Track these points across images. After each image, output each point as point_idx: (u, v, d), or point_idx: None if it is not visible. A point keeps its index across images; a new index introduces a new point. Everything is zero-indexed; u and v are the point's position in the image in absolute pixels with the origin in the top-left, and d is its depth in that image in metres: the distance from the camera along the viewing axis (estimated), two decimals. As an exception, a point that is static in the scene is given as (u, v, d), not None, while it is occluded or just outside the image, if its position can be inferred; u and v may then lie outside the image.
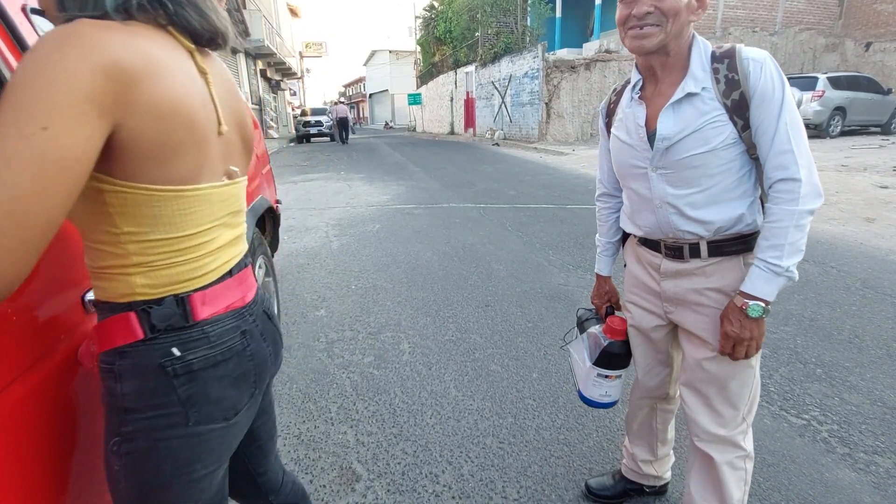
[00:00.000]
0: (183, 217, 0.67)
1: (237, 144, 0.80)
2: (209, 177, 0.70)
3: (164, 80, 0.61)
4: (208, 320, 0.73)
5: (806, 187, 0.98)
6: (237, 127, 0.79)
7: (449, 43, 23.71)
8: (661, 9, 0.99)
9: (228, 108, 0.75)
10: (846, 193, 5.85)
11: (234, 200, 0.78)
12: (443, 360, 2.45)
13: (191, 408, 0.71)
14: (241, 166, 0.82)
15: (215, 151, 0.72)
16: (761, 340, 1.08)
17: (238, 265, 0.81)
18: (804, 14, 16.36)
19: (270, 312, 0.90)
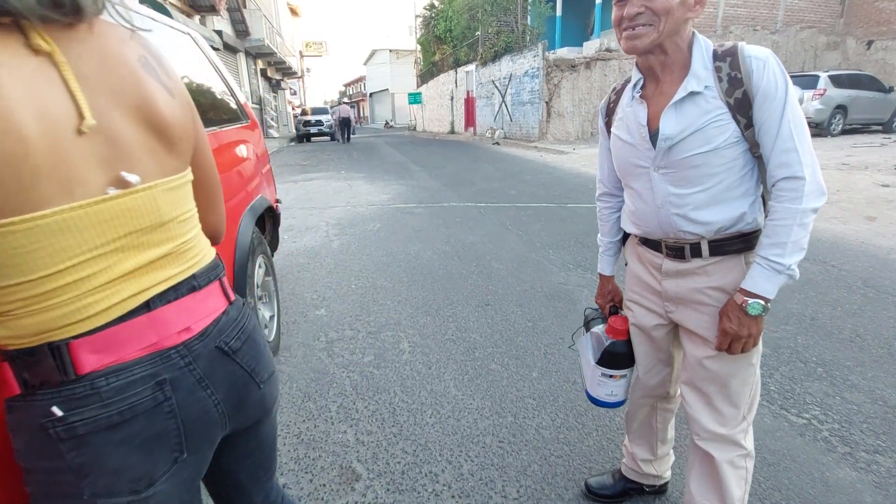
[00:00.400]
0: (24, 257, 0.52)
1: (138, 139, 0.60)
2: (65, 195, 0.53)
3: None
4: (100, 372, 0.58)
5: (809, 185, 0.98)
6: (139, 115, 0.60)
7: (449, 42, 23.69)
8: (651, 8, 0.99)
9: (115, 93, 0.58)
10: (847, 192, 5.84)
11: (138, 215, 0.60)
12: (443, 360, 2.44)
13: (83, 478, 0.58)
14: (156, 166, 0.63)
15: (78, 157, 0.54)
16: (759, 338, 1.08)
17: (166, 294, 0.64)
18: (805, 12, 16.32)
19: (235, 344, 0.72)
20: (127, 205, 0.59)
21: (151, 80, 0.63)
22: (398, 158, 12.51)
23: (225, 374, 0.71)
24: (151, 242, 0.63)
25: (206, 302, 0.71)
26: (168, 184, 0.65)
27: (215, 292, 0.73)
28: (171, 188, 0.65)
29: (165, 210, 0.64)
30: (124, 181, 0.59)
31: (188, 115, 0.70)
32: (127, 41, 0.63)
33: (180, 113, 0.67)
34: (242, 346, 0.74)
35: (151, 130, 0.62)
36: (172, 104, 0.65)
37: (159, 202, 0.63)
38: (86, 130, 0.54)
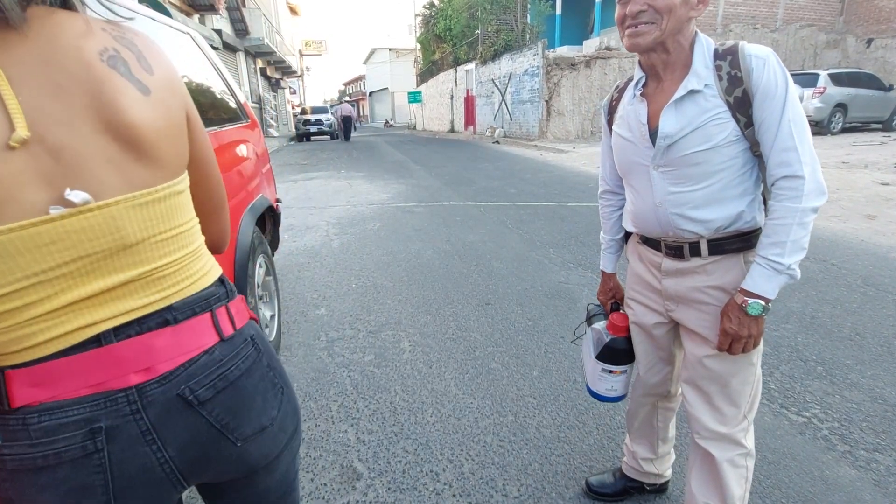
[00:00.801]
0: None
1: (94, 148, 0.52)
2: None
3: None
4: (34, 407, 0.53)
5: (809, 184, 0.98)
6: (92, 119, 0.52)
7: (449, 41, 23.66)
8: (654, 6, 0.99)
9: (62, 95, 0.50)
10: (847, 190, 5.84)
11: (92, 237, 0.52)
12: (443, 359, 2.45)
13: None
14: (121, 179, 0.54)
15: (9, 175, 0.47)
16: (760, 338, 1.08)
17: (126, 328, 0.56)
18: (805, 10, 16.31)
19: (204, 393, 0.60)
20: (74, 226, 0.51)
21: (115, 77, 0.53)
22: (398, 157, 12.50)
23: (184, 426, 0.60)
24: (111, 268, 0.55)
25: (182, 338, 0.60)
26: (138, 199, 0.55)
27: (200, 327, 0.62)
28: (141, 204, 0.55)
29: (132, 230, 0.55)
30: (65, 200, 0.50)
31: (172, 115, 0.59)
32: (91, 33, 0.54)
33: (157, 113, 0.56)
34: (216, 396, 0.62)
35: (113, 136, 0.53)
36: (144, 103, 0.55)
37: (122, 221, 0.54)
38: (15, 144, 0.47)
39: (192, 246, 0.64)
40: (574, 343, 2.43)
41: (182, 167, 0.62)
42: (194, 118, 0.65)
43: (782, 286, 1.03)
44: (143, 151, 0.55)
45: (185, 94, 0.63)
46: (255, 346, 0.68)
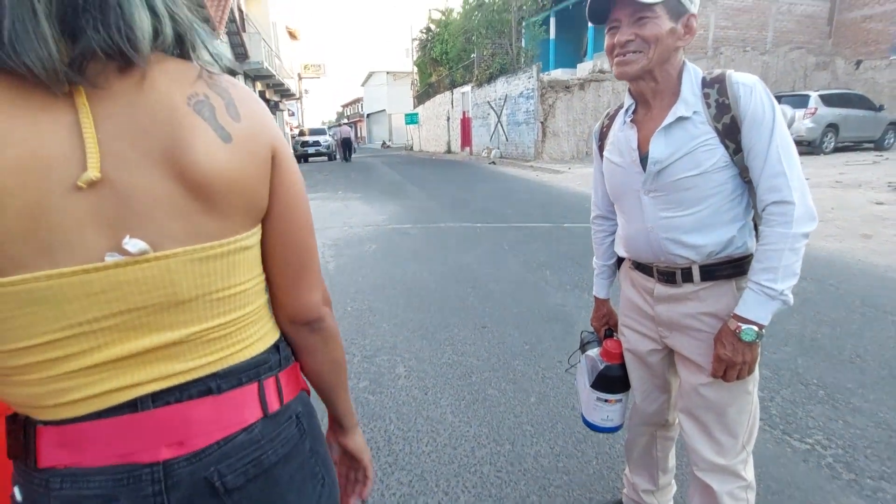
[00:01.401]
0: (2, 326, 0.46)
1: (163, 194, 0.49)
2: (44, 259, 0.45)
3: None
4: (59, 470, 0.50)
5: (800, 210, 0.98)
6: (165, 164, 0.48)
7: (445, 64, 24.10)
8: (641, 36, 1.01)
9: (141, 138, 0.48)
10: (842, 210, 5.87)
11: (144, 290, 0.49)
12: (439, 385, 2.41)
13: None
14: (185, 229, 0.50)
15: (69, 217, 0.45)
16: (754, 365, 1.07)
17: (165, 394, 0.52)
18: (794, 33, 16.70)
19: (229, 481, 0.54)
20: (127, 276, 0.48)
21: (197, 122, 0.50)
22: (395, 178, 12.58)
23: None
24: (159, 325, 0.51)
25: (222, 411, 0.55)
26: (198, 252, 0.51)
27: (244, 399, 0.57)
28: (201, 258, 0.51)
29: (186, 285, 0.51)
30: (122, 249, 0.47)
31: (252, 165, 0.54)
32: (187, 79, 0.52)
33: (235, 162, 0.52)
34: (246, 485, 0.55)
35: (183, 184, 0.49)
36: (222, 151, 0.51)
37: (177, 275, 0.50)
38: (82, 185, 0.45)
39: (251, 307, 0.58)
40: (569, 371, 2.39)
41: (255, 220, 0.57)
42: (284, 165, 0.59)
43: (775, 312, 1.01)
44: (213, 202, 0.51)
45: (275, 141, 0.58)
46: (299, 426, 0.62)
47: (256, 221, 0.58)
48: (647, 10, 0.99)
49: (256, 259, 0.59)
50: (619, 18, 1.03)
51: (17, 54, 0.41)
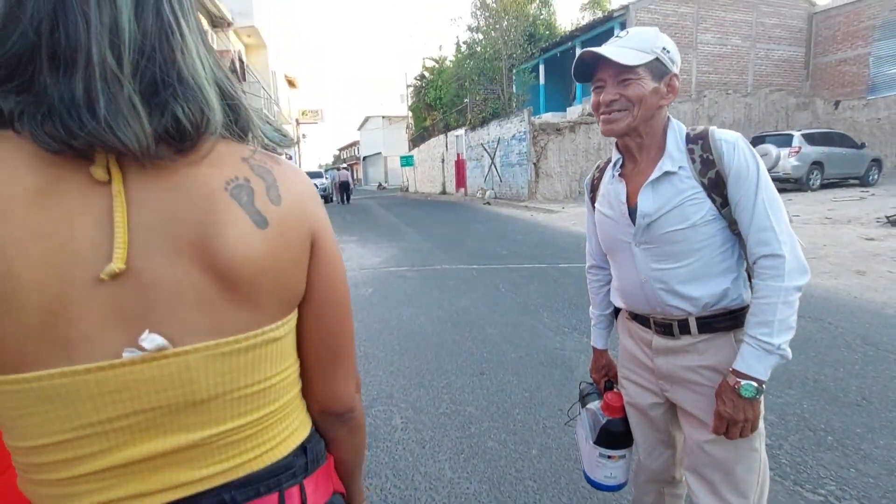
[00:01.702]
0: (15, 421, 0.44)
1: (187, 285, 0.46)
2: (61, 355, 0.43)
3: None
4: None
5: (790, 263, 0.98)
6: (191, 253, 0.46)
7: (439, 108, 24.87)
8: (626, 96, 1.04)
9: (170, 226, 0.46)
10: (834, 246, 5.93)
11: (160, 388, 0.46)
12: (437, 437, 2.33)
13: None
14: (208, 322, 0.47)
15: (90, 310, 0.43)
16: (757, 422, 1.04)
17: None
18: (773, 76, 17.43)
19: None
20: (144, 374, 0.45)
21: (232, 208, 0.47)
22: (391, 220, 12.68)
23: None
24: (174, 426, 0.47)
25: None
26: (220, 347, 0.48)
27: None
28: (224, 353, 0.48)
29: (205, 384, 0.47)
30: (140, 344, 0.45)
31: (288, 251, 0.51)
32: (226, 160, 0.50)
33: (268, 249, 0.49)
34: None
35: (210, 273, 0.46)
36: (254, 237, 0.48)
37: (196, 373, 0.47)
38: (104, 278, 0.43)
39: (280, 401, 0.54)
40: (568, 425, 2.33)
41: (289, 308, 0.54)
42: (325, 249, 0.56)
43: (774, 367, 1.00)
44: (242, 291, 0.48)
45: (317, 223, 0.55)
46: None
47: (290, 309, 0.54)
48: (629, 72, 1.03)
49: (289, 348, 0.55)
50: (604, 79, 1.07)
51: (113, 131, 0.41)
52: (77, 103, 0.41)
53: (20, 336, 0.42)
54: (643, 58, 1.03)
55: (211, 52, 0.51)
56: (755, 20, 16.83)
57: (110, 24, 0.42)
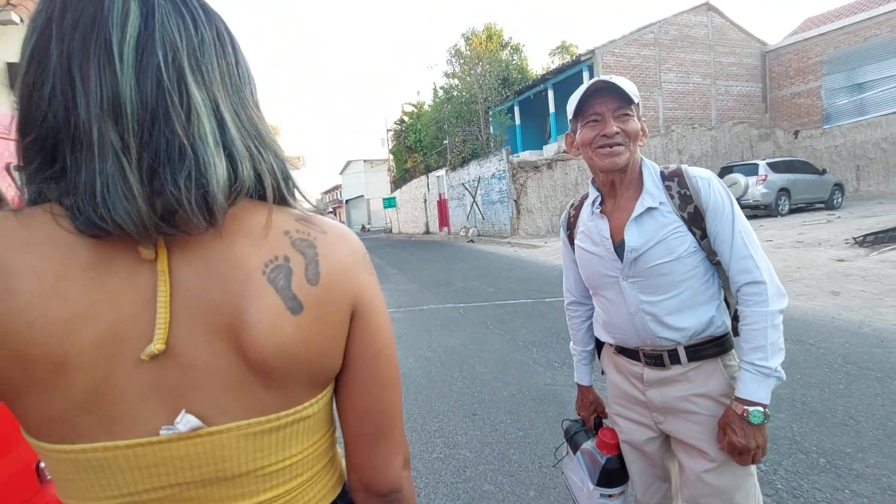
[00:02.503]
0: (65, 483, 0.47)
1: (222, 367, 0.47)
2: (103, 431, 0.45)
3: None
4: None
5: (771, 289, 1.04)
6: (227, 336, 0.47)
7: (419, 151, 25.42)
8: (625, 131, 1.11)
9: (209, 307, 0.47)
10: (808, 269, 6.11)
11: (193, 465, 0.47)
12: (431, 483, 2.27)
13: None
14: (240, 403, 0.48)
15: (132, 389, 0.45)
16: (766, 447, 1.06)
17: None
18: (734, 110, 18.38)
19: None
20: (179, 452, 0.47)
21: (268, 294, 0.47)
22: (375, 262, 12.67)
23: None
24: (205, 499, 0.49)
25: None
26: (252, 427, 0.49)
27: None
28: (255, 433, 0.49)
29: (237, 461, 0.49)
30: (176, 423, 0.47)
31: (321, 333, 0.50)
32: (268, 238, 0.50)
33: (302, 334, 0.49)
34: None
35: (243, 359, 0.47)
36: (287, 324, 0.48)
37: (228, 451, 0.48)
38: (145, 358, 0.45)
39: (313, 471, 0.54)
40: (556, 467, 2.30)
41: (322, 386, 0.53)
42: (368, 321, 0.55)
43: (772, 389, 1.03)
44: (272, 377, 0.49)
45: (360, 294, 0.54)
46: None
47: (325, 386, 0.54)
48: (628, 107, 1.10)
49: (322, 421, 0.55)
50: (601, 113, 1.11)
51: (109, 212, 0.41)
52: (88, 189, 0.41)
53: (68, 411, 0.44)
54: (636, 98, 1.11)
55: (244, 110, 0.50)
56: (713, 59, 17.90)
57: (112, 97, 0.41)
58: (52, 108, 0.42)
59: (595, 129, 1.13)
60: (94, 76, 0.41)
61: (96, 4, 0.42)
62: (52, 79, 0.42)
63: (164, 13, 0.44)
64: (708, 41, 17.81)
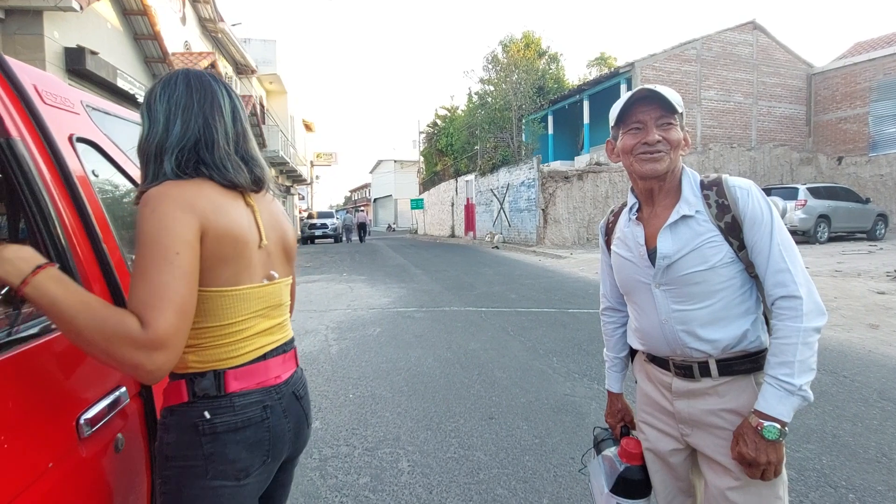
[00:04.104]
0: (224, 310, 0.90)
1: (278, 255, 1.04)
2: (248, 280, 0.93)
3: (221, 213, 0.89)
4: (237, 393, 0.91)
5: (808, 305, 1.01)
6: (279, 242, 1.04)
7: (450, 154, 25.52)
8: (667, 139, 1.10)
9: (272, 229, 1.01)
10: (845, 299, 5.88)
11: (272, 297, 0.99)
12: (444, 482, 2.27)
13: (210, 463, 0.88)
14: (282, 271, 1.05)
15: (256, 260, 0.95)
16: (781, 466, 1.02)
17: (275, 350, 1.00)
18: (776, 132, 17.85)
19: (300, 393, 1.05)
20: (269, 290, 0.98)
21: (286, 223, 1.12)
22: (399, 261, 12.76)
23: (294, 411, 1.02)
24: (273, 315, 1.00)
25: (288, 362, 1.04)
26: (285, 281, 1.06)
27: (292, 357, 1.07)
28: (286, 284, 1.07)
29: (283, 297, 1.04)
30: (271, 276, 0.99)
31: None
32: (272, 199, 1.10)
33: (294, 244, 1.12)
34: (304, 396, 1.08)
35: (283, 251, 1.07)
36: (293, 233, 1.12)
37: (282, 291, 1.03)
38: (261, 247, 0.97)
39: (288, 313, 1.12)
40: (582, 472, 2.27)
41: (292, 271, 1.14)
42: None
43: (796, 409, 1.00)
44: (290, 259, 1.11)
45: None
46: None
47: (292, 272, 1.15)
48: (671, 116, 1.10)
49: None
50: (643, 121, 1.12)
51: (234, 178, 0.95)
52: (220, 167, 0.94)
53: (238, 272, 0.91)
54: (679, 107, 1.11)
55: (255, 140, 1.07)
56: (756, 79, 17.44)
57: (224, 131, 0.97)
58: (199, 131, 0.95)
59: (637, 136, 1.13)
60: (218, 120, 0.97)
61: (212, 92, 0.98)
62: (199, 119, 0.95)
63: (232, 96, 1.02)
64: (752, 60, 17.38)
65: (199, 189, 0.88)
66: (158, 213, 0.81)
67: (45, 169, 1.04)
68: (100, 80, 8.10)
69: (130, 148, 1.49)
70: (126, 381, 1.08)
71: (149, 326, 0.75)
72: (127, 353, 0.74)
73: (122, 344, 0.73)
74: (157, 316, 0.75)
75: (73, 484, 0.87)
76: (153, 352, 0.75)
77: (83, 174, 1.16)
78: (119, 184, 1.41)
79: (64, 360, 0.93)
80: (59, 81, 1.27)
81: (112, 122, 1.46)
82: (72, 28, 7.89)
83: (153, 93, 0.95)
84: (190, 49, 14.56)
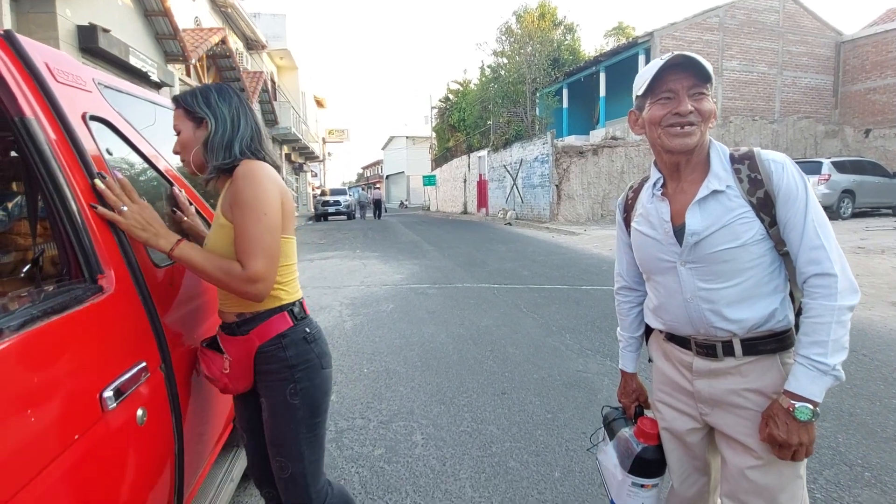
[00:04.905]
0: (291, 252, 1.30)
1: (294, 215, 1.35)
2: (293, 234, 1.31)
3: (284, 184, 1.26)
4: (307, 315, 1.34)
5: (842, 283, 0.97)
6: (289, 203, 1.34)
7: (463, 130, 25.19)
8: (699, 110, 1.05)
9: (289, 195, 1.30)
10: (868, 276, 5.75)
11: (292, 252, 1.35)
12: (458, 454, 2.32)
13: (322, 358, 1.31)
14: None
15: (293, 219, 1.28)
16: (812, 447, 1.01)
17: None
18: (801, 104, 17.22)
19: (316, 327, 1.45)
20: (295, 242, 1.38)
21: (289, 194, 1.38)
22: (412, 238, 12.79)
23: None
24: None
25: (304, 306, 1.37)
26: None
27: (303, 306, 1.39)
28: None
29: None
30: None
31: None
32: None
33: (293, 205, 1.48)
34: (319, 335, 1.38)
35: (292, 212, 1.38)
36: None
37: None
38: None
39: None
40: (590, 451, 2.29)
41: None
42: None
43: (828, 388, 0.98)
44: None
45: None
46: None
47: None
48: (703, 86, 1.04)
49: None
50: (675, 90, 1.05)
51: (275, 161, 1.31)
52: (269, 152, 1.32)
53: (292, 223, 1.28)
54: (714, 77, 1.05)
55: None
56: (781, 48, 16.74)
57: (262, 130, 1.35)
58: (253, 128, 1.30)
59: (667, 106, 1.07)
60: (262, 125, 1.36)
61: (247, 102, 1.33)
62: (251, 120, 1.30)
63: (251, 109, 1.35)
64: (778, 28, 16.65)
65: (270, 167, 1.24)
66: (255, 183, 1.16)
67: (59, 148, 1.04)
68: (113, 58, 8.10)
69: (144, 126, 1.50)
70: (146, 355, 1.11)
71: (247, 268, 1.12)
72: (236, 286, 1.14)
73: (231, 280, 1.14)
74: (251, 261, 1.13)
75: (98, 455, 0.90)
76: (253, 284, 1.13)
77: (98, 153, 1.16)
78: (133, 162, 1.42)
79: (85, 335, 0.95)
80: (71, 59, 1.26)
81: (125, 100, 1.46)
82: (83, 5, 7.86)
83: (210, 98, 1.24)
84: (200, 25, 14.42)
